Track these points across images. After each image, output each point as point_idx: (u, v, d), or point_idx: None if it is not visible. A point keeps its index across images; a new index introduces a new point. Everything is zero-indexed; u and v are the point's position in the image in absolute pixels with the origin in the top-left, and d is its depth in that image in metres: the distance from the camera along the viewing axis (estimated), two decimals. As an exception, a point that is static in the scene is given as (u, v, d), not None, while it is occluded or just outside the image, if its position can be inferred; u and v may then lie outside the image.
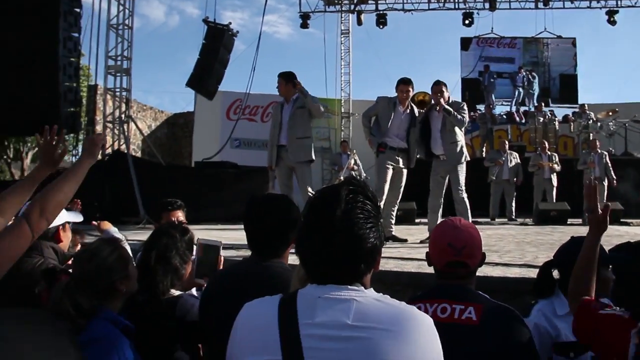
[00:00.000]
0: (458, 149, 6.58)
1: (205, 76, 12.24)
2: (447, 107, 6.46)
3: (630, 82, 45.99)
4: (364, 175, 13.28)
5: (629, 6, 18.15)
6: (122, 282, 2.15)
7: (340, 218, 1.40)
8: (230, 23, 12.47)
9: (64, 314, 1.94)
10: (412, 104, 6.90)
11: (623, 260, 2.12)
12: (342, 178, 12.39)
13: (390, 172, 6.83)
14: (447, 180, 6.73)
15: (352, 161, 12.99)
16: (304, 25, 17.92)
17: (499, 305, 2.03)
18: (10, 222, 2.08)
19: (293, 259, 1.99)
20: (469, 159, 6.82)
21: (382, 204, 6.70)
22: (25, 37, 9.56)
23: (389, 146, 6.87)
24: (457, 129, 6.58)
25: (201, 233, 3.72)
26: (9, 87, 9.54)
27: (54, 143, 2.25)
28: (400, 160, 6.95)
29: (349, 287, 1.40)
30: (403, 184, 7.03)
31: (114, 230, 3.80)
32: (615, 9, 17.92)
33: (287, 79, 6.75)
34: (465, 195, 6.55)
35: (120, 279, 2.15)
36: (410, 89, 6.89)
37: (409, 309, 1.40)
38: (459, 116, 6.43)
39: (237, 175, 11.47)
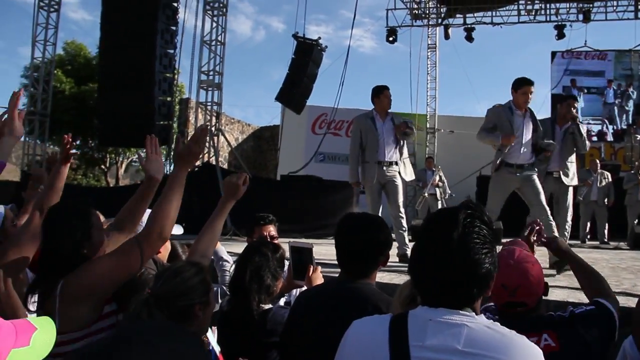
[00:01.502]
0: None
1: (294, 90, 12.48)
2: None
3: None
4: (449, 192, 13.11)
5: None
6: (201, 308, 2.03)
7: (457, 242, 1.41)
8: (319, 38, 12.68)
9: None
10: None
11: None
12: (426, 194, 12.28)
13: (505, 194, 6.17)
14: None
15: (437, 177, 12.85)
16: (391, 39, 17.88)
17: (574, 327, 1.96)
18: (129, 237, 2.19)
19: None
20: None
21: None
22: (126, 55, 10.10)
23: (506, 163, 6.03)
24: None
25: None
26: (111, 102, 10.11)
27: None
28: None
29: (461, 312, 1.41)
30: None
31: (222, 250, 3.84)
32: None
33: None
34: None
35: (200, 303, 2.03)
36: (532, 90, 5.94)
37: (519, 338, 1.40)
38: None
39: (322, 189, 11.57)
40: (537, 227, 2.46)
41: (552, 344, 1.89)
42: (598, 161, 12.23)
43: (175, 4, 11.15)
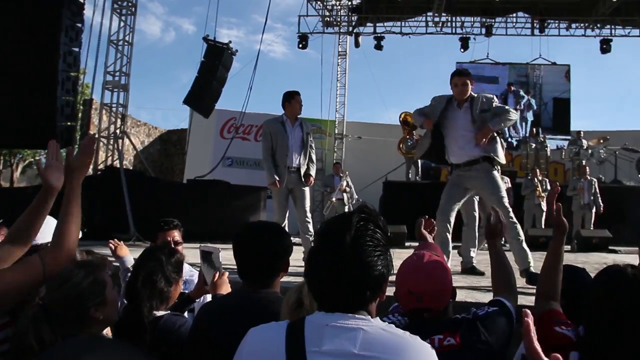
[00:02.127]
0: None
1: (203, 94, 12.27)
2: None
3: (621, 110, 46.60)
4: (356, 197, 13.30)
5: (622, 35, 18.46)
6: (97, 309, 1.97)
7: (350, 245, 1.42)
8: (230, 42, 12.53)
9: (26, 348, 1.81)
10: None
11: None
12: (333, 199, 12.41)
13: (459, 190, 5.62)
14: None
15: (345, 183, 13.00)
16: (302, 45, 17.99)
17: (477, 329, 1.98)
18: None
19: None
20: None
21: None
22: (27, 50, 9.58)
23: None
24: None
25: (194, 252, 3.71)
26: (8, 100, 9.54)
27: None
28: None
29: (356, 316, 1.42)
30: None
31: (129, 260, 3.69)
32: (609, 37, 18.20)
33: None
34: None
35: (95, 305, 1.97)
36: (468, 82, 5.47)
37: (413, 339, 1.41)
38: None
39: (230, 194, 11.43)
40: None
41: (454, 342, 1.92)
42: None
43: (82, 0, 10.69)
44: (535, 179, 11.92)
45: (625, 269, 1.81)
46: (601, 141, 14.70)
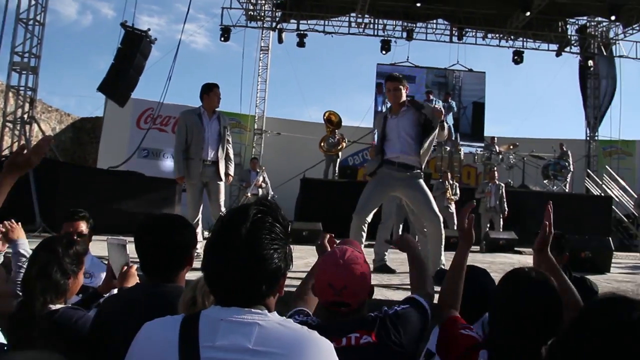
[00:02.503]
0: None
1: (119, 82, 11.88)
2: None
3: (529, 118, 48.95)
4: (272, 193, 13.28)
5: (532, 48, 19.45)
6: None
7: (245, 237, 1.40)
8: (149, 29, 12.18)
9: None
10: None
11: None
12: (249, 195, 12.34)
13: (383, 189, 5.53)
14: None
15: (261, 178, 12.96)
16: (225, 38, 17.79)
17: (390, 328, 2.02)
18: None
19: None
20: None
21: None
22: None
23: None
24: None
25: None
26: None
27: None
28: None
29: (253, 310, 1.39)
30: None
31: (22, 244, 3.38)
32: (521, 49, 19.11)
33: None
34: None
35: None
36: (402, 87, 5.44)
37: (309, 334, 1.40)
38: None
39: (143, 186, 11.13)
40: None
41: (370, 340, 1.94)
42: None
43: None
44: (446, 182, 12.27)
45: (524, 271, 1.95)
46: (511, 147, 15.33)
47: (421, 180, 5.41)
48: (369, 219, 5.49)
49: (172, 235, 2.22)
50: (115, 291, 2.79)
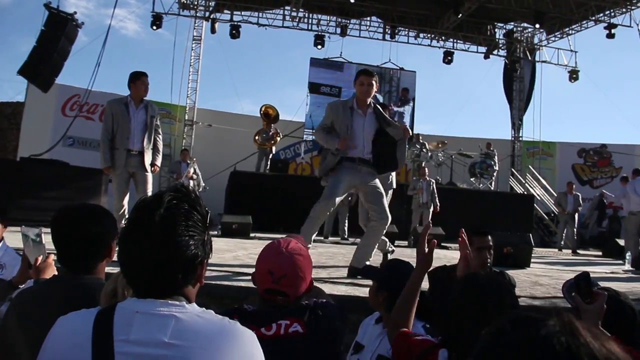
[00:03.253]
0: None
1: (42, 66, 11.39)
2: None
3: (458, 118, 50.45)
4: (203, 184, 13.11)
5: (462, 50, 20.01)
6: None
7: (159, 222, 1.34)
8: (75, 13, 11.74)
9: None
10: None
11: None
12: (175, 185, 12.12)
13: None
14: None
15: (192, 170, 12.77)
16: (156, 25, 17.35)
17: (323, 317, 2.04)
18: None
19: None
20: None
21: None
22: None
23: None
24: None
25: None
26: None
27: None
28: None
29: (170, 302, 1.34)
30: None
31: None
32: (451, 50, 19.61)
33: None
34: None
35: None
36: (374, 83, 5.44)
37: (229, 324, 1.36)
38: None
39: (68, 175, 10.74)
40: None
41: (300, 330, 1.94)
42: None
43: None
44: (422, 180, 12.52)
45: (479, 273, 2.07)
46: (439, 145, 15.68)
47: (377, 179, 5.56)
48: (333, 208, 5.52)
49: (90, 225, 2.13)
50: (31, 282, 2.67)
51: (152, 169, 6.47)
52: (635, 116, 54.25)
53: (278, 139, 14.51)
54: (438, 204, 12.46)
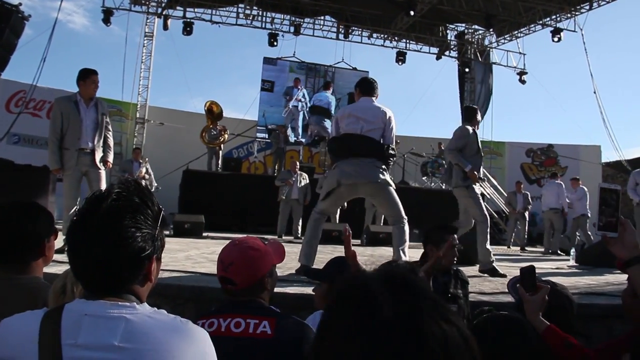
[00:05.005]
0: None
1: (-15, 60, 10.99)
2: None
3: (410, 118, 51.10)
4: (155, 184, 12.92)
5: (415, 50, 20.25)
6: None
7: (105, 213, 1.31)
8: (20, 4, 11.35)
9: None
10: None
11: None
12: (126, 179, 11.91)
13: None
14: None
15: (144, 170, 12.56)
16: (106, 20, 16.95)
17: (293, 319, 2.08)
18: None
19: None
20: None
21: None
22: None
23: None
24: None
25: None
26: None
27: None
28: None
29: (120, 303, 1.30)
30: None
31: None
32: (404, 50, 19.84)
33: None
34: None
35: None
36: None
37: (180, 324, 1.34)
38: None
39: (12, 174, 10.42)
40: None
41: (268, 331, 1.95)
42: (297, 163, 13.04)
43: None
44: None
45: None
46: (392, 145, 15.80)
47: None
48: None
49: (22, 222, 2.08)
50: None
51: (105, 165, 6.37)
52: (580, 118, 56.00)
53: (225, 136, 14.41)
54: None
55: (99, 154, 6.27)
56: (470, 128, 6.84)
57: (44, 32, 31.88)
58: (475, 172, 6.62)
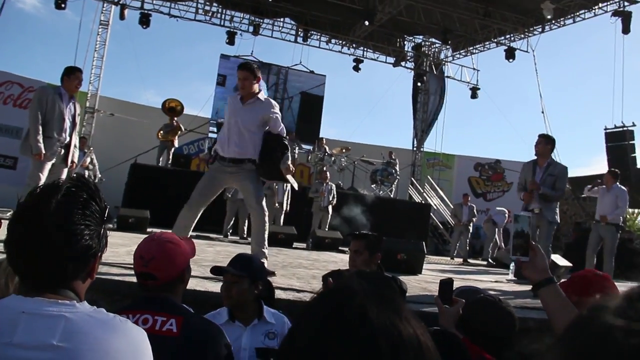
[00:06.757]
0: None
1: None
2: None
3: (363, 125, 51.58)
4: (99, 175, 12.67)
5: (372, 59, 20.47)
6: None
7: (54, 209, 1.28)
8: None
9: None
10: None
11: None
12: (74, 175, 11.64)
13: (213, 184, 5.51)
14: None
15: (88, 160, 12.30)
16: (60, 5, 16.47)
17: (201, 318, 2.11)
18: None
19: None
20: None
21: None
22: None
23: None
24: None
25: None
26: None
27: None
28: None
29: (60, 301, 1.26)
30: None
31: None
32: (361, 58, 20.04)
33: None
34: None
35: None
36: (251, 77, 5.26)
37: (119, 323, 1.31)
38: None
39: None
40: None
41: (174, 329, 1.96)
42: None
43: None
44: (324, 184, 12.71)
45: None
46: (343, 151, 15.91)
47: (253, 170, 5.36)
48: (199, 214, 5.52)
49: None
50: None
51: (72, 165, 6.52)
52: (528, 135, 57.49)
53: (179, 132, 14.27)
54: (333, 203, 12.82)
55: (72, 151, 6.43)
56: None
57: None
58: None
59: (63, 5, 16.52)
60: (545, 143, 6.99)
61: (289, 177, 5.55)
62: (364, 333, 0.79)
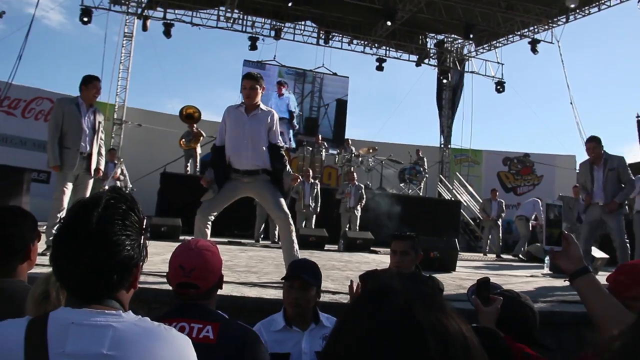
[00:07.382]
0: None
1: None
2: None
3: (389, 124, 51.40)
4: (130, 186, 12.81)
5: (394, 57, 20.38)
6: None
7: (96, 222, 1.30)
8: (-5, 0, 11.25)
9: None
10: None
11: None
12: (106, 187, 11.79)
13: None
14: None
15: (119, 171, 12.45)
16: (85, 20, 16.72)
17: (237, 324, 2.10)
18: None
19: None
20: None
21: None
22: None
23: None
24: None
25: None
26: None
27: None
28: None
29: (106, 311, 1.29)
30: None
31: None
32: (384, 57, 19.99)
33: None
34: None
35: None
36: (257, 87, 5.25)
37: (165, 331, 1.34)
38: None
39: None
40: None
41: (210, 336, 1.97)
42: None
43: None
44: (351, 185, 12.72)
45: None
46: (370, 151, 15.88)
47: (268, 180, 5.35)
48: (212, 218, 5.41)
49: (8, 227, 2.07)
50: None
51: (97, 173, 6.48)
52: (556, 127, 56.78)
53: (201, 138, 14.37)
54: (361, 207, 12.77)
55: (94, 161, 6.36)
56: None
57: (19, 29, 31.35)
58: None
59: (87, 20, 16.78)
60: (597, 145, 6.93)
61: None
62: (411, 331, 0.79)
